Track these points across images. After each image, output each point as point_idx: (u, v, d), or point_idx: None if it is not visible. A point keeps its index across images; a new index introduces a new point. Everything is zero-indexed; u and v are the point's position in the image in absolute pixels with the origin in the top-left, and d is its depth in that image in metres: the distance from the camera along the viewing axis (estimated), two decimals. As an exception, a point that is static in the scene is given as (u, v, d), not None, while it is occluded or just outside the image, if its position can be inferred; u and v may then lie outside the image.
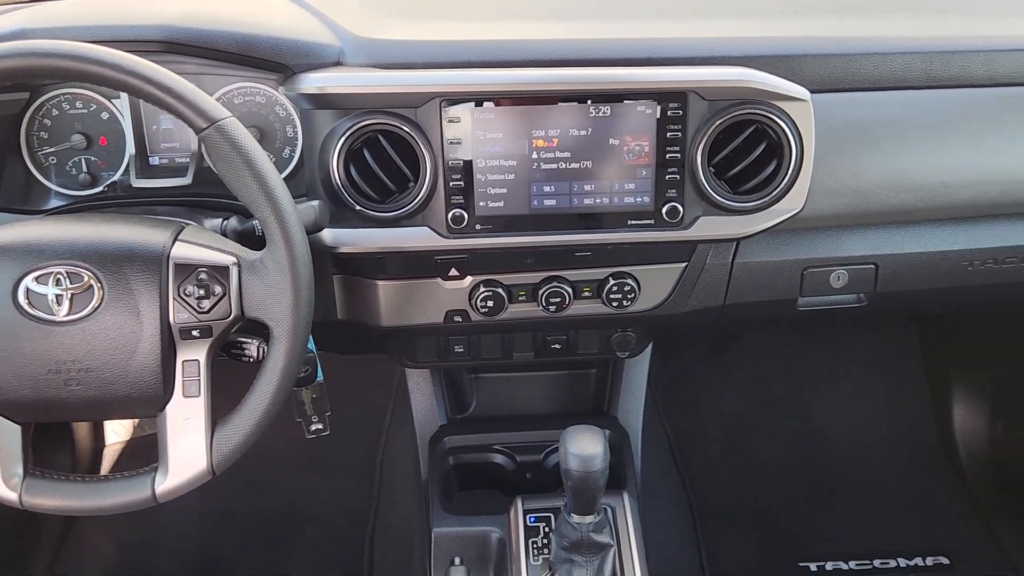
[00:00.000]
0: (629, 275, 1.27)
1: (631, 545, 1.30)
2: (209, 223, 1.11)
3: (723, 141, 1.15)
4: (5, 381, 0.95)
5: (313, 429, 1.37)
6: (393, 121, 1.11)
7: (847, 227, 1.31)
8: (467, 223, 1.15)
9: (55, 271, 0.94)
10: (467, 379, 1.70)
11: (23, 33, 1.09)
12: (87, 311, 0.94)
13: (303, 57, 1.14)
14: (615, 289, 1.26)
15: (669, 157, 1.14)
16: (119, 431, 2.18)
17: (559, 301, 1.26)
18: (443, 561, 1.36)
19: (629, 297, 1.27)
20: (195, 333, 0.97)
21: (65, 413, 0.99)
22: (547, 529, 1.32)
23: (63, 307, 0.94)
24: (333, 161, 1.12)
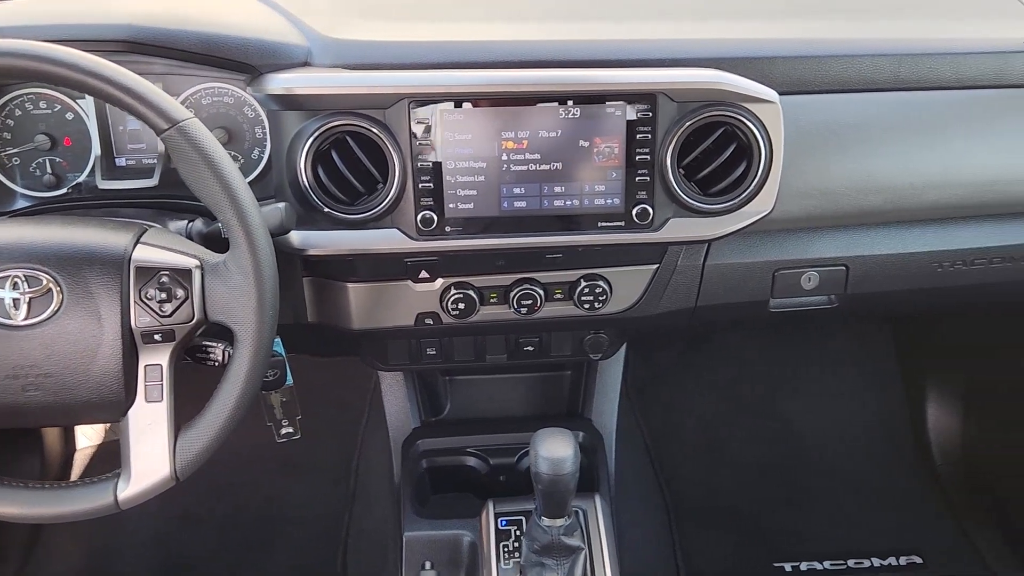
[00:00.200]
0: (601, 277, 1.26)
1: (602, 548, 1.30)
2: (174, 225, 1.10)
3: (693, 143, 1.15)
4: None
5: (283, 433, 1.36)
6: (361, 122, 1.10)
7: (818, 229, 1.31)
8: (437, 225, 1.15)
9: (12, 275, 0.92)
10: (441, 381, 1.69)
11: None
12: (46, 315, 0.93)
13: (270, 57, 1.13)
14: (587, 291, 1.26)
15: (639, 159, 1.14)
16: (90, 435, 2.16)
17: (531, 303, 1.25)
18: (414, 565, 1.35)
19: (601, 299, 1.27)
20: (157, 337, 0.95)
21: (24, 419, 0.98)
22: (518, 532, 1.32)
23: (21, 311, 0.92)
24: (301, 162, 1.11)
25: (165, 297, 0.94)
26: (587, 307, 1.27)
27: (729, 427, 2.20)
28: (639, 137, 1.13)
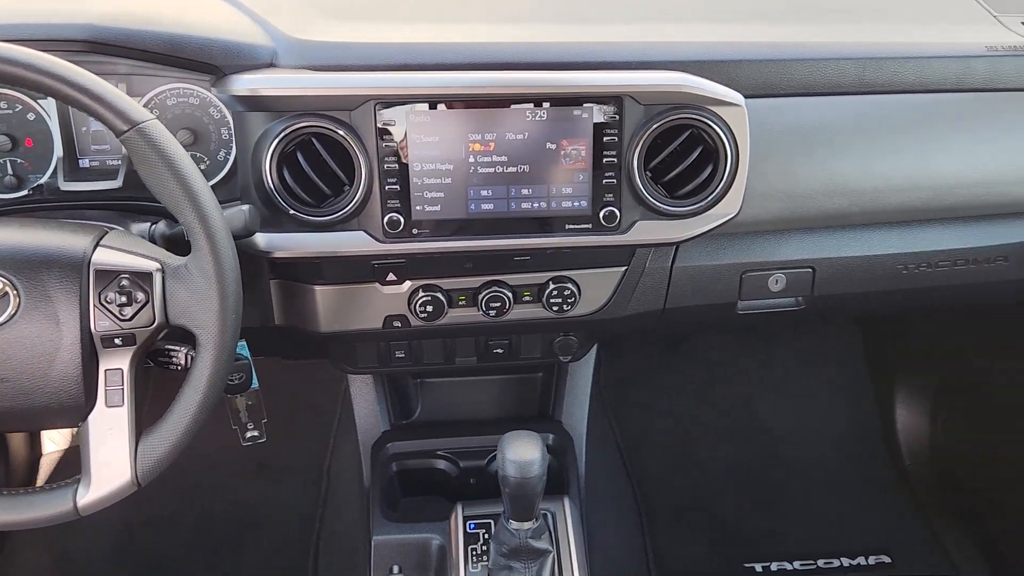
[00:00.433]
0: (569, 279, 1.26)
1: (571, 550, 1.30)
2: (136, 228, 1.08)
3: (660, 145, 1.15)
4: None
5: (248, 436, 1.35)
6: (327, 124, 1.09)
7: (784, 231, 1.32)
8: (403, 227, 1.14)
9: None
10: (411, 384, 1.68)
11: None
12: (2, 319, 0.91)
13: (234, 58, 1.12)
14: (555, 293, 1.26)
15: (606, 161, 1.14)
16: (57, 440, 2.13)
17: (499, 306, 1.25)
18: (383, 568, 1.35)
19: (569, 301, 1.27)
20: (117, 341, 0.94)
21: None
22: (486, 536, 1.31)
23: (-24, 315, 0.91)
24: (266, 164, 1.10)
25: (125, 301, 0.93)
26: (556, 309, 1.27)
27: (702, 428, 2.21)
28: (606, 140, 1.13)
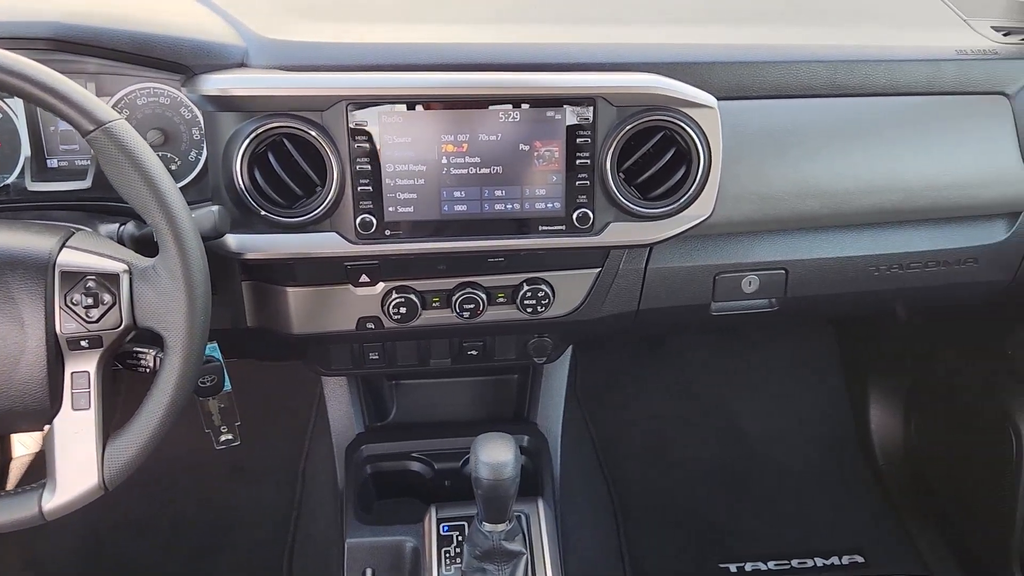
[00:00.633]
0: (543, 281, 1.26)
1: (544, 552, 1.30)
2: (105, 228, 1.07)
3: (633, 147, 1.15)
4: None
5: (222, 440, 1.33)
6: (298, 124, 1.08)
7: (757, 233, 1.32)
8: (376, 229, 1.14)
9: None
10: (386, 386, 1.68)
11: None
12: None
13: (204, 57, 1.11)
14: (529, 295, 1.26)
15: (579, 163, 1.14)
16: (28, 443, 2.10)
17: (473, 307, 1.25)
18: (356, 572, 1.34)
19: (544, 303, 1.27)
20: (84, 344, 0.93)
21: None
22: (460, 538, 1.31)
23: (-62, 317, 0.90)
24: (236, 165, 1.09)
25: (92, 302, 0.92)
26: (530, 311, 1.27)
27: (678, 429, 2.21)
28: (579, 141, 1.13)
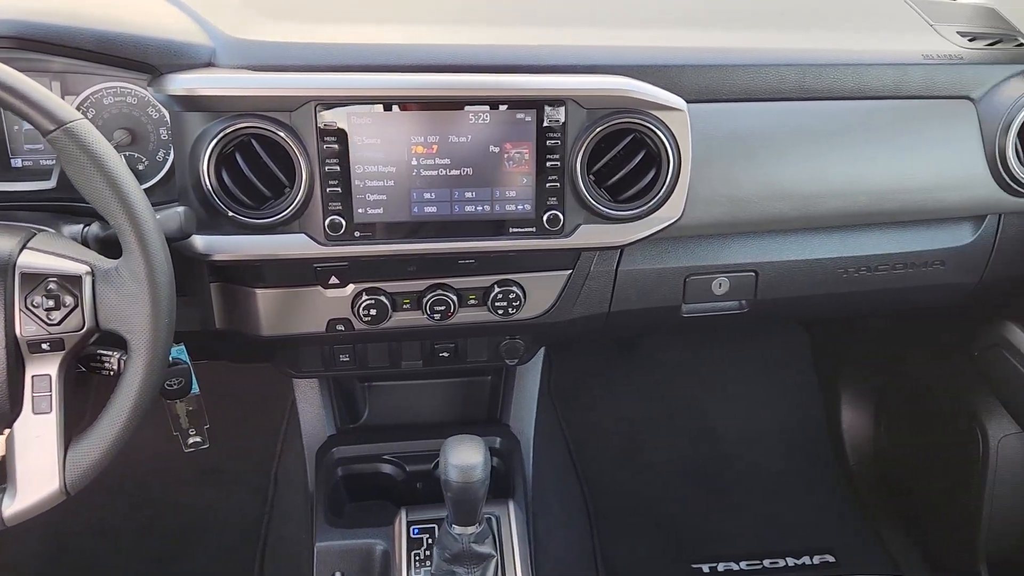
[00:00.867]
0: (514, 283, 1.26)
1: (515, 554, 1.30)
2: (69, 230, 1.06)
3: (603, 149, 1.15)
4: None
5: (190, 443, 1.32)
6: (266, 125, 1.07)
7: (727, 235, 1.33)
8: (345, 230, 1.13)
9: None
10: (359, 387, 1.67)
11: None
12: None
13: (171, 57, 1.09)
14: (500, 297, 1.26)
15: (549, 165, 1.14)
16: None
17: (444, 309, 1.25)
18: (326, 575, 1.33)
19: (515, 305, 1.27)
20: (45, 347, 0.92)
21: None
22: (430, 541, 1.30)
23: None
24: (203, 165, 1.08)
25: (53, 305, 0.91)
26: (501, 313, 1.27)
27: (652, 430, 2.22)
28: (549, 143, 1.13)
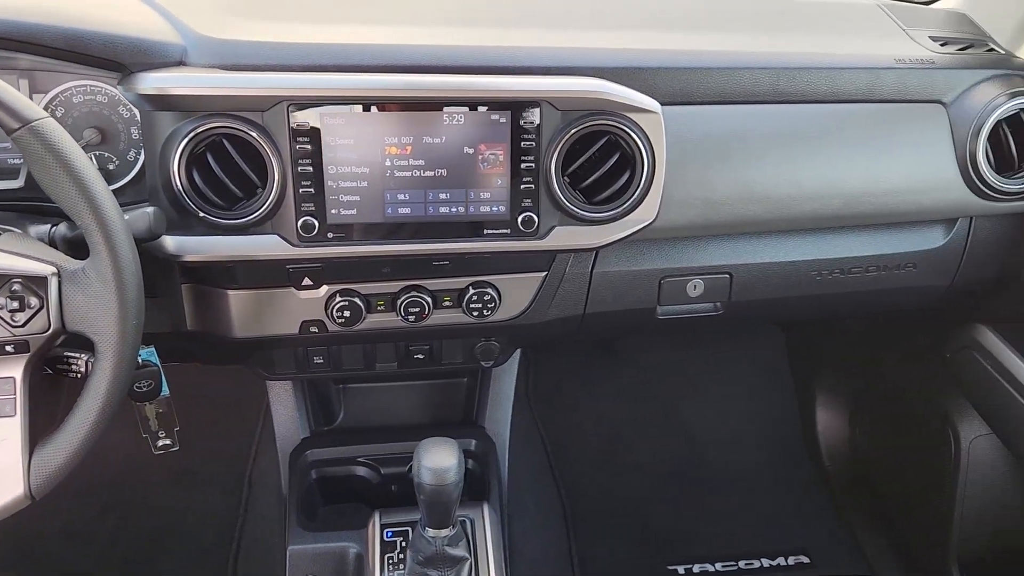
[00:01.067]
0: (489, 284, 1.26)
1: (488, 557, 1.29)
2: (35, 230, 1.04)
3: (578, 151, 1.15)
4: None
5: (160, 445, 1.30)
6: (238, 125, 1.06)
7: (702, 237, 1.33)
8: (318, 231, 1.12)
9: None
10: (334, 389, 1.66)
11: None
12: None
13: (141, 55, 1.08)
14: (475, 299, 1.25)
15: (524, 166, 1.13)
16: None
17: (418, 311, 1.24)
18: (299, 579, 1.32)
19: (490, 306, 1.26)
20: (9, 348, 0.91)
21: None
22: (404, 544, 1.29)
23: None
24: (174, 165, 1.07)
25: (17, 306, 0.90)
26: (476, 315, 1.26)
27: (629, 432, 2.22)
28: (524, 145, 1.13)
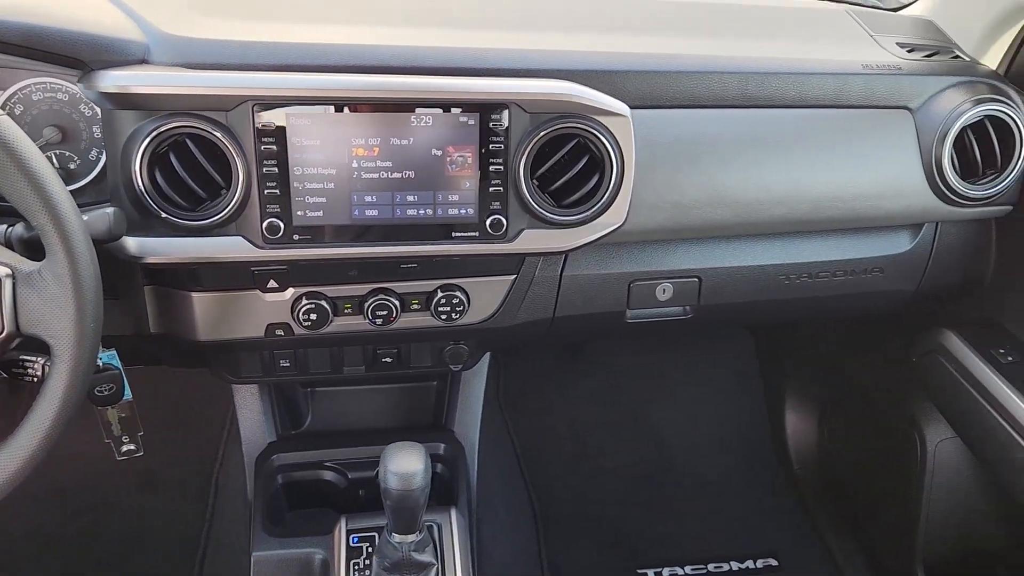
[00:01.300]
0: (458, 287, 1.25)
1: (456, 562, 1.28)
2: None
3: (547, 154, 1.14)
4: None
5: (124, 451, 1.28)
6: (202, 125, 1.05)
7: (671, 241, 1.33)
8: (284, 233, 1.11)
9: None
10: (301, 393, 1.64)
11: None
12: None
13: (102, 53, 1.06)
14: (444, 302, 1.24)
15: (492, 169, 1.13)
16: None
17: (386, 314, 1.23)
18: (263, 586, 1.30)
19: (458, 310, 1.25)
20: (-38, 352, 0.88)
21: None
22: (370, 549, 1.28)
23: None
24: (135, 165, 1.05)
25: None
26: (444, 318, 1.25)
27: (599, 435, 2.22)
28: (492, 147, 1.12)
